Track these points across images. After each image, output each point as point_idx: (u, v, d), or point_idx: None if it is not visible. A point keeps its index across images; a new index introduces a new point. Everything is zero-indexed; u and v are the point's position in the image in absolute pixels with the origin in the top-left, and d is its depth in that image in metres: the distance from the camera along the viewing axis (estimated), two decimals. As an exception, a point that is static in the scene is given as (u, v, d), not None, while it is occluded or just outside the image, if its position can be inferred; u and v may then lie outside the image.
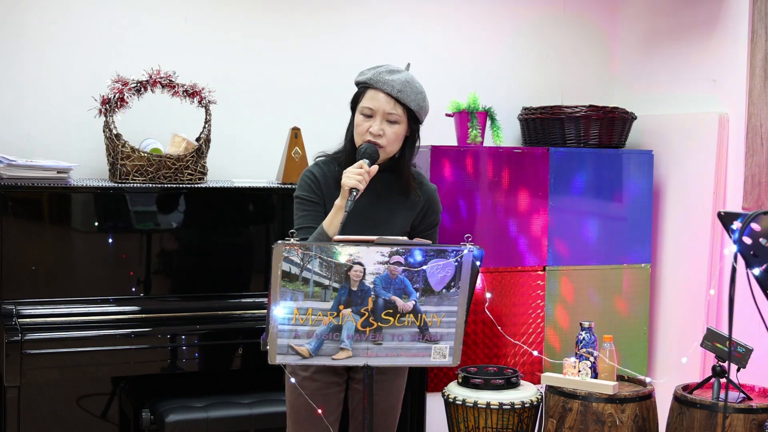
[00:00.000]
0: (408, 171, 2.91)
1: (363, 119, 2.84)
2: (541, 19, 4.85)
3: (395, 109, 2.81)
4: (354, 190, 2.70)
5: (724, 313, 4.21)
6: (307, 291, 2.46)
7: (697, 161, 4.37)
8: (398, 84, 2.81)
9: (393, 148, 2.86)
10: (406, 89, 2.81)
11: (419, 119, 2.89)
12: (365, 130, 2.82)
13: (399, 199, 2.91)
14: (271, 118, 4.31)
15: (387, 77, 2.82)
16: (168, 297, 3.79)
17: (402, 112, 2.83)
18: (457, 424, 3.60)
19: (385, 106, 2.81)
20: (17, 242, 3.56)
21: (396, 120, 2.82)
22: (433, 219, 2.98)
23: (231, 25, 4.26)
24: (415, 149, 2.93)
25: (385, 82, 2.81)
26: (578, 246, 4.34)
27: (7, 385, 3.39)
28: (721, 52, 4.33)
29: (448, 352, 2.58)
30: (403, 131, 2.86)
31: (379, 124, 2.81)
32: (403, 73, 2.85)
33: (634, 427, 3.41)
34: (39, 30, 3.96)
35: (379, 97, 2.81)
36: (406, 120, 2.85)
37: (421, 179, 2.98)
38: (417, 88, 2.85)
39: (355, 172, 2.72)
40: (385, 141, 2.82)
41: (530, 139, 4.57)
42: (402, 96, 2.80)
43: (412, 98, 2.82)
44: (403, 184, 2.91)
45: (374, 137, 2.81)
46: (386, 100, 2.81)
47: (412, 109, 2.83)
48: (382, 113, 2.81)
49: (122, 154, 3.72)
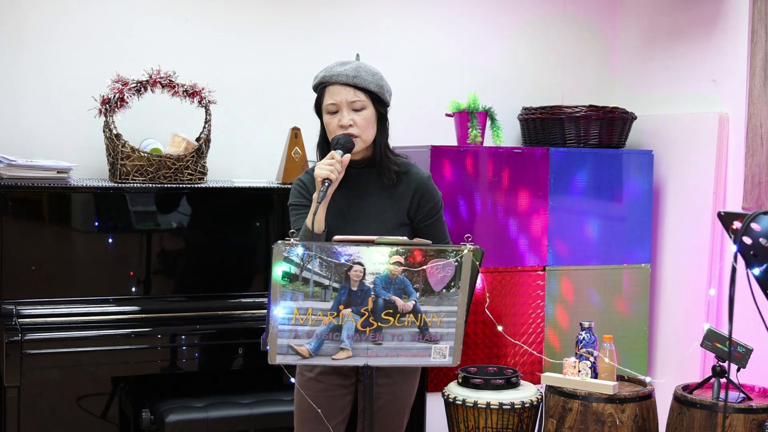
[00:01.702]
0: (381, 153, 2.90)
1: (330, 117, 2.86)
2: (541, 19, 4.85)
3: (357, 95, 2.83)
4: (327, 180, 2.71)
5: (724, 313, 4.21)
6: (307, 291, 2.46)
7: (697, 161, 4.37)
8: (351, 71, 2.83)
9: (368, 135, 2.86)
10: (360, 73, 2.83)
11: (384, 100, 2.89)
12: (336, 126, 2.84)
13: (386, 193, 2.90)
14: (271, 118, 4.31)
15: (338, 69, 2.85)
16: (168, 297, 3.79)
17: (364, 96, 2.84)
18: (457, 424, 3.60)
19: (346, 95, 2.83)
20: (17, 242, 3.56)
21: (361, 106, 2.83)
22: (431, 207, 2.93)
23: (231, 25, 4.27)
24: (386, 132, 2.93)
25: (338, 74, 2.83)
26: (578, 246, 4.34)
27: (7, 385, 3.40)
28: (721, 52, 4.33)
29: (448, 352, 2.57)
30: (371, 115, 2.86)
31: (347, 115, 2.82)
32: (353, 62, 2.88)
33: (634, 427, 3.41)
34: (39, 30, 3.96)
35: (337, 89, 2.83)
36: (371, 104, 2.85)
37: (409, 168, 2.94)
38: (371, 70, 2.87)
39: (327, 163, 2.74)
40: (358, 129, 2.83)
41: (530, 139, 4.57)
42: (358, 81, 2.82)
43: (369, 80, 2.84)
44: (377, 167, 2.90)
45: (346, 129, 2.82)
46: (345, 90, 2.83)
47: (372, 90, 2.84)
48: (345, 104, 2.83)
49: (122, 154, 3.72)
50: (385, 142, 2.92)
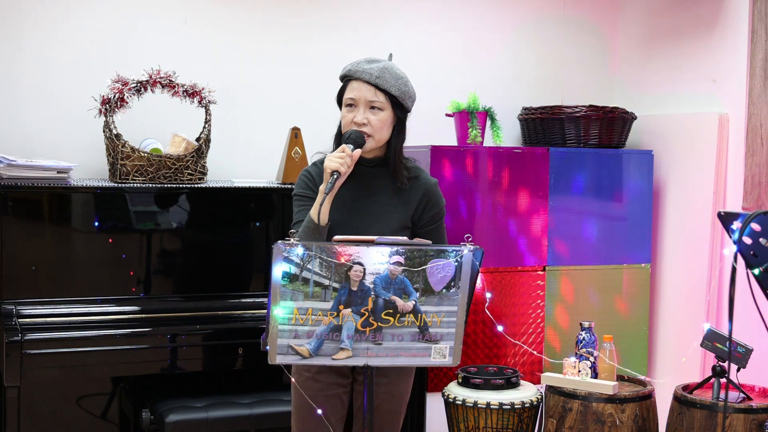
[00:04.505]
0: (395, 159, 2.90)
1: (347, 110, 2.86)
2: (541, 19, 4.85)
3: (376, 96, 2.82)
4: (335, 173, 2.72)
5: (724, 313, 4.21)
6: (307, 291, 2.46)
7: (697, 161, 4.37)
8: (376, 71, 2.82)
9: (381, 136, 2.86)
10: (385, 75, 2.82)
11: (404, 106, 2.88)
12: (350, 121, 2.83)
13: (393, 194, 2.90)
14: (271, 118, 4.31)
15: (365, 66, 2.84)
16: (168, 297, 3.79)
17: (384, 98, 2.83)
18: (457, 424, 3.60)
19: (366, 94, 2.82)
20: (17, 242, 3.56)
21: (379, 107, 2.83)
22: (435, 213, 2.95)
23: (231, 25, 4.27)
24: (403, 137, 2.93)
25: (363, 70, 2.83)
26: (578, 246, 4.34)
27: (7, 385, 3.40)
28: (721, 52, 4.33)
29: (448, 352, 2.58)
30: (388, 118, 2.85)
31: (363, 113, 2.82)
32: (382, 62, 2.87)
33: (634, 427, 3.41)
34: (39, 30, 3.96)
35: (359, 86, 2.83)
36: (390, 107, 2.85)
37: (419, 173, 2.95)
38: (397, 74, 2.86)
39: (337, 156, 2.74)
40: (371, 129, 2.83)
41: (530, 139, 4.57)
42: (381, 82, 2.81)
43: (392, 83, 2.83)
44: (391, 172, 2.90)
45: (359, 126, 2.82)
46: (366, 88, 2.82)
47: (393, 94, 2.83)
48: (364, 102, 2.82)
49: (122, 154, 3.72)
50: (400, 147, 2.91)
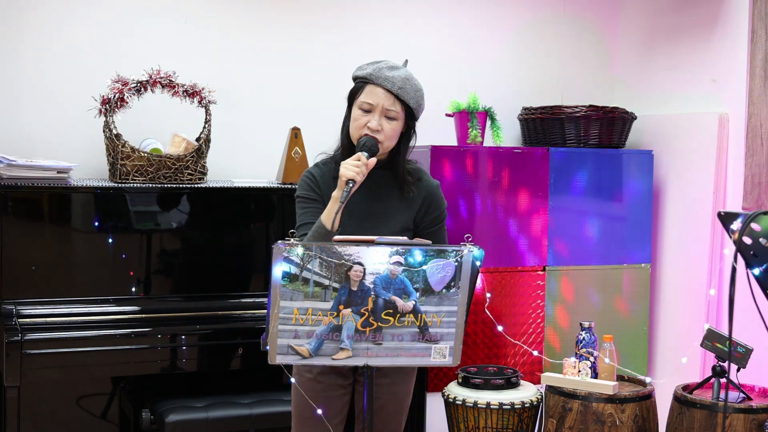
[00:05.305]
0: (403, 167, 2.91)
1: (361, 114, 2.83)
2: (541, 19, 4.85)
3: (394, 105, 2.82)
4: (351, 181, 2.70)
5: (724, 313, 4.21)
6: (307, 291, 2.46)
7: (697, 161, 4.37)
8: (399, 81, 2.81)
9: (390, 144, 2.86)
10: (406, 86, 2.82)
11: (415, 116, 2.89)
12: (363, 125, 2.82)
13: (397, 196, 2.91)
14: (271, 118, 4.31)
15: (387, 73, 2.82)
16: (168, 297, 3.79)
17: (400, 108, 2.83)
18: (457, 424, 3.60)
19: (385, 102, 2.81)
20: (17, 242, 3.56)
21: (394, 116, 2.82)
22: (437, 215, 2.95)
23: (231, 25, 4.27)
24: (410, 146, 2.94)
25: (385, 78, 2.81)
26: (578, 246, 4.34)
27: (7, 385, 3.40)
28: (721, 52, 4.33)
29: (448, 352, 2.57)
30: (400, 127, 2.86)
31: (378, 120, 2.81)
32: (402, 70, 2.85)
33: (634, 427, 3.41)
34: (39, 30, 3.96)
35: (378, 92, 2.81)
36: (403, 117, 2.85)
37: (421, 175, 2.96)
38: (416, 86, 2.86)
39: (353, 164, 2.72)
40: (383, 136, 2.82)
41: (530, 139, 4.57)
42: (402, 93, 2.81)
43: (412, 95, 2.83)
44: (399, 181, 2.91)
45: (372, 132, 2.81)
46: (386, 96, 2.81)
47: (410, 106, 2.84)
48: (381, 109, 2.81)
49: (122, 154, 3.72)
50: (405, 155, 2.92)
